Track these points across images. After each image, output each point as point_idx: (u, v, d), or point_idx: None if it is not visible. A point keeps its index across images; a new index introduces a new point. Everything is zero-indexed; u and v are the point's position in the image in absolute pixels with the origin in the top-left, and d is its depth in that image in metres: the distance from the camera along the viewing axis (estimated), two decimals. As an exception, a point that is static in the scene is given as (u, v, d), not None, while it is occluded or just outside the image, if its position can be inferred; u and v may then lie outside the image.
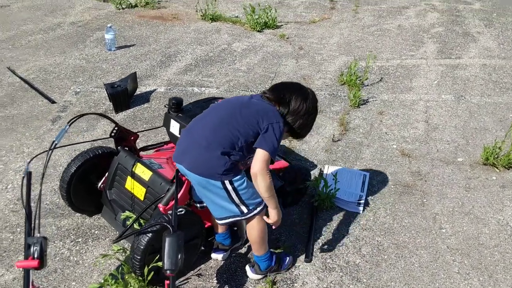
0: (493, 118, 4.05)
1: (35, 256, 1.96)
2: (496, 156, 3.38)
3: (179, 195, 2.22)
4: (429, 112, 4.11)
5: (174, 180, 2.23)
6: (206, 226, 2.48)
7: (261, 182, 2.03)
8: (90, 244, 2.58)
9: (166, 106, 2.67)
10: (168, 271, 1.96)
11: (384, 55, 5.26)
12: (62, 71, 4.56)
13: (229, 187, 2.12)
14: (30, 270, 1.99)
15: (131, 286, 2.23)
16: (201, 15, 6.13)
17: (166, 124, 2.67)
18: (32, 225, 2.06)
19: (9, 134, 3.54)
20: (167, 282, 2.03)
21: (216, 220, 2.30)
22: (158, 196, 2.33)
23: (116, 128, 2.59)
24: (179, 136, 2.58)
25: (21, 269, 2.30)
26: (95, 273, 2.40)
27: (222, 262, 2.52)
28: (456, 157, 3.52)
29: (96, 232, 2.67)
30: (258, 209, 2.20)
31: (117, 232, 2.58)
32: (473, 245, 2.71)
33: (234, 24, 6.02)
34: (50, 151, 2.12)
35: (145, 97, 4.11)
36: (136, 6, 6.55)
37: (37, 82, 4.29)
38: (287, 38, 5.63)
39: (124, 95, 3.85)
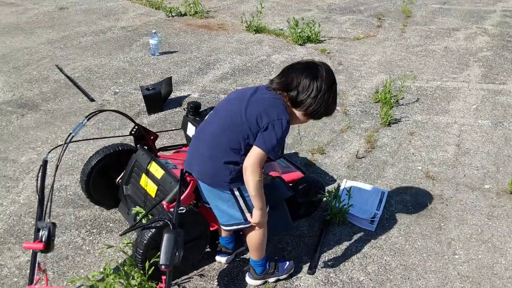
0: (531, 147, 3.89)
1: (43, 239, 2.09)
2: (525, 186, 3.25)
3: (183, 195, 2.29)
4: (462, 136, 4.00)
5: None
6: (212, 228, 2.54)
7: (250, 177, 2.00)
8: (103, 236, 2.70)
9: (185, 109, 2.76)
10: (163, 266, 2.02)
11: (425, 76, 5.17)
12: (105, 72, 4.78)
13: (237, 193, 2.16)
14: (37, 253, 2.12)
15: (133, 279, 2.31)
16: (246, 26, 6.25)
17: (184, 127, 2.76)
18: (44, 211, 2.19)
19: (47, 127, 3.75)
20: (163, 277, 2.10)
21: (222, 227, 2.35)
22: (167, 195, 2.41)
23: (136, 127, 2.70)
24: (195, 138, 2.66)
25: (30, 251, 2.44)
26: (103, 263, 2.50)
27: (226, 265, 2.56)
28: (483, 183, 3.41)
29: (110, 224, 2.78)
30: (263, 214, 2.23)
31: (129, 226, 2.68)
32: (486, 274, 2.61)
33: (277, 36, 6.10)
34: (66, 144, 2.25)
35: (178, 102, 4.24)
36: (185, 14, 6.77)
37: (80, 81, 4.52)
38: (328, 52, 5.64)
39: (157, 98, 3.99)
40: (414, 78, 5.07)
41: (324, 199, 2.93)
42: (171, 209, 2.21)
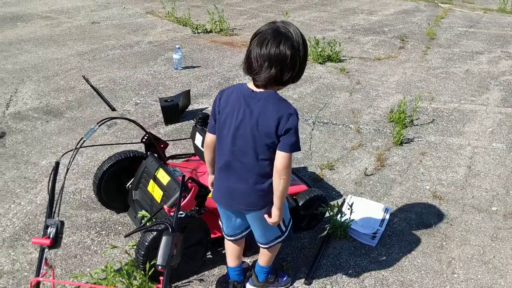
0: (545, 172, 3.86)
1: (50, 236, 2.21)
2: (532, 210, 3.23)
3: (185, 201, 2.40)
4: (474, 158, 4.00)
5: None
6: (213, 236, 2.63)
7: (283, 179, 1.96)
8: (111, 238, 2.82)
9: (195, 120, 2.88)
10: (159, 266, 2.13)
11: (443, 97, 5.18)
12: (129, 83, 4.98)
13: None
14: (45, 248, 2.26)
15: (134, 279, 2.42)
16: (268, 44, 6.39)
17: (192, 137, 2.88)
18: (53, 209, 2.33)
19: (69, 133, 3.94)
20: (161, 278, 2.20)
21: (262, 246, 2.33)
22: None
23: (146, 135, 2.84)
24: (201, 148, 2.78)
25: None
26: (113, 266, 2.61)
27: (225, 272, 2.64)
28: (491, 205, 3.40)
29: (119, 228, 2.91)
30: (291, 223, 2.33)
31: (136, 230, 2.80)
32: (483, 295, 2.62)
33: (298, 55, 6.21)
34: (77, 149, 2.39)
35: (195, 114, 4.38)
36: (211, 31, 6.97)
37: (104, 91, 4.72)
38: (347, 72, 5.72)
39: (174, 109, 4.14)
40: (431, 99, 5.09)
41: (327, 213, 2.99)
42: (172, 213, 2.32)
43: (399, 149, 4.06)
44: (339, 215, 2.92)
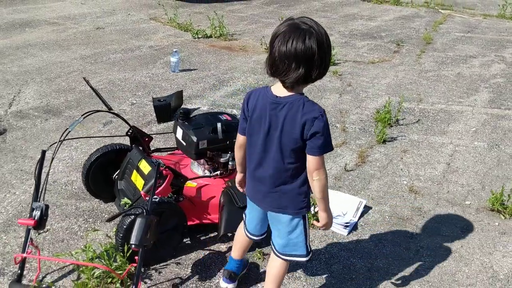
0: (523, 169, 3.98)
1: (35, 218, 2.42)
2: (502, 203, 3.35)
3: (161, 187, 2.58)
4: (454, 155, 4.13)
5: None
6: (190, 223, 2.81)
7: (317, 179, 1.96)
8: (97, 225, 3.01)
9: (176, 115, 3.07)
10: (133, 245, 2.31)
11: (431, 99, 5.32)
12: (127, 85, 5.20)
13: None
14: (30, 229, 2.45)
15: (114, 261, 2.60)
16: (265, 48, 6.59)
17: (174, 130, 3.07)
18: (39, 194, 2.53)
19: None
20: (136, 257, 2.38)
21: (276, 253, 2.25)
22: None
23: (131, 129, 3.03)
24: (182, 141, 2.96)
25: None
26: (100, 247, 2.80)
27: (201, 256, 2.81)
28: (465, 200, 3.53)
29: (105, 216, 3.09)
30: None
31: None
32: (446, 281, 2.74)
33: (293, 58, 6.39)
34: (61, 141, 2.59)
35: (187, 113, 4.58)
36: (210, 36, 7.19)
37: (103, 92, 4.94)
38: (340, 75, 5.88)
39: (166, 109, 4.34)
40: (420, 100, 5.23)
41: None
42: (147, 198, 2.50)
43: (382, 147, 4.21)
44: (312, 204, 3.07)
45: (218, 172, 3.01)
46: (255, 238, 2.41)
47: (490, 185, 3.73)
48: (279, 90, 1.95)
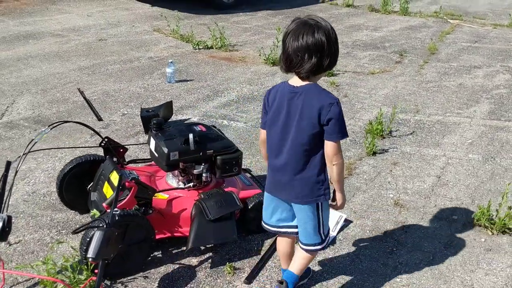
0: (517, 183, 3.83)
1: (-3, 229, 2.40)
2: (490, 218, 3.23)
3: (125, 200, 2.55)
4: (446, 168, 4.01)
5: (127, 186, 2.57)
6: (159, 236, 2.76)
7: (336, 164, 2.13)
8: (70, 237, 2.98)
9: (150, 126, 3.04)
10: (90, 259, 2.27)
11: (429, 110, 5.20)
12: (120, 96, 5.21)
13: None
14: (-7, 240, 2.44)
15: (79, 274, 2.56)
16: (264, 59, 6.56)
17: (148, 141, 3.04)
18: (2, 205, 2.52)
19: (53, 141, 4.16)
20: (96, 271, 2.34)
21: (301, 246, 2.41)
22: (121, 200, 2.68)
23: (105, 140, 3.01)
24: (154, 152, 2.93)
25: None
26: (62, 259, 2.77)
27: (171, 270, 2.76)
28: (452, 214, 3.42)
29: (81, 228, 3.06)
30: (329, 236, 2.48)
31: (93, 229, 2.95)
32: (422, 299, 2.64)
33: (292, 69, 6.34)
34: (25, 153, 2.58)
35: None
36: (211, 47, 7.19)
37: (96, 103, 4.96)
38: (337, 85, 5.80)
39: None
40: (416, 112, 5.13)
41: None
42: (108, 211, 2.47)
43: (371, 159, 4.11)
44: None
45: (191, 184, 2.97)
46: (274, 230, 2.48)
47: (480, 199, 3.60)
48: (295, 81, 2.16)
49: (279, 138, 2.22)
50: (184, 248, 2.86)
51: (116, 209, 2.43)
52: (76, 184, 3.07)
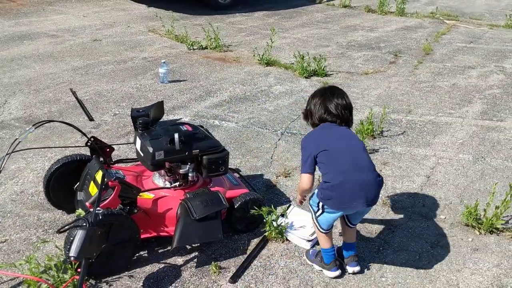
0: (507, 183, 3.82)
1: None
2: (477, 218, 3.23)
3: (108, 199, 2.55)
4: (436, 168, 4.01)
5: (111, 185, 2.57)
6: (144, 236, 2.76)
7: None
8: (56, 236, 2.98)
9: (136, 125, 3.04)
10: (72, 258, 2.27)
11: (421, 110, 5.20)
12: (112, 96, 5.21)
13: None
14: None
15: (64, 273, 2.56)
16: (258, 60, 6.56)
17: (134, 141, 3.04)
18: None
19: (44, 140, 4.16)
20: (79, 270, 2.35)
21: (354, 226, 2.80)
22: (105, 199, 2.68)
23: (91, 140, 3.02)
24: (140, 152, 2.93)
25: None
26: (46, 259, 2.77)
27: (156, 269, 2.76)
28: (440, 214, 3.41)
29: (66, 227, 3.06)
30: None
31: (79, 228, 2.95)
32: (406, 298, 2.64)
33: (286, 69, 6.35)
34: (10, 153, 2.58)
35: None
36: (206, 48, 7.19)
37: (88, 103, 4.96)
38: (330, 86, 5.79)
39: (145, 119, 4.31)
40: (409, 112, 5.13)
41: (273, 217, 3.05)
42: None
43: (362, 159, 4.10)
44: (273, 217, 3.00)
45: (177, 184, 2.97)
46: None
47: (469, 199, 3.60)
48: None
49: None
50: (170, 247, 2.87)
51: (99, 208, 2.43)
52: (63, 184, 3.07)
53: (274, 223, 3.00)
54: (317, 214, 2.69)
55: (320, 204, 2.65)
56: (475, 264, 2.93)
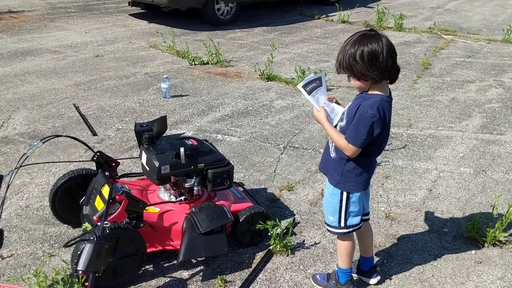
0: (508, 196, 3.86)
1: (-12, 242, 2.43)
2: (480, 231, 3.25)
3: (115, 213, 2.57)
4: (438, 181, 4.04)
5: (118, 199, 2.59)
6: (150, 250, 2.78)
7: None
8: (62, 250, 3.00)
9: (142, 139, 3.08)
10: (79, 271, 2.29)
11: (421, 124, 5.25)
12: (115, 111, 5.25)
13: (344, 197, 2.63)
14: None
15: (71, 287, 2.57)
16: (259, 75, 6.62)
17: (140, 155, 3.07)
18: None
19: (48, 155, 4.19)
20: (86, 284, 2.36)
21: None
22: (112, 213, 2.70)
23: (97, 154, 3.05)
24: (146, 166, 2.96)
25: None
26: (53, 273, 2.78)
27: (162, 283, 2.77)
28: (443, 227, 3.44)
29: (72, 241, 3.08)
30: None
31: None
32: (411, 311, 2.65)
33: (287, 84, 6.41)
34: (18, 167, 2.61)
35: (170, 139, 4.59)
36: (207, 63, 7.26)
37: (91, 118, 5.00)
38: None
39: (148, 134, 4.35)
40: (409, 126, 5.17)
41: (278, 230, 3.07)
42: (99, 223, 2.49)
43: (364, 173, 4.13)
44: (278, 230, 3.02)
45: (182, 198, 2.99)
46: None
47: (471, 212, 3.63)
48: (387, 90, 2.54)
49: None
50: (176, 261, 2.89)
51: (106, 222, 2.46)
52: (68, 198, 3.09)
53: (279, 237, 3.02)
54: (344, 209, 2.50)
55: (344, 195, 2.49)
56: (479, 277, 2.95)
